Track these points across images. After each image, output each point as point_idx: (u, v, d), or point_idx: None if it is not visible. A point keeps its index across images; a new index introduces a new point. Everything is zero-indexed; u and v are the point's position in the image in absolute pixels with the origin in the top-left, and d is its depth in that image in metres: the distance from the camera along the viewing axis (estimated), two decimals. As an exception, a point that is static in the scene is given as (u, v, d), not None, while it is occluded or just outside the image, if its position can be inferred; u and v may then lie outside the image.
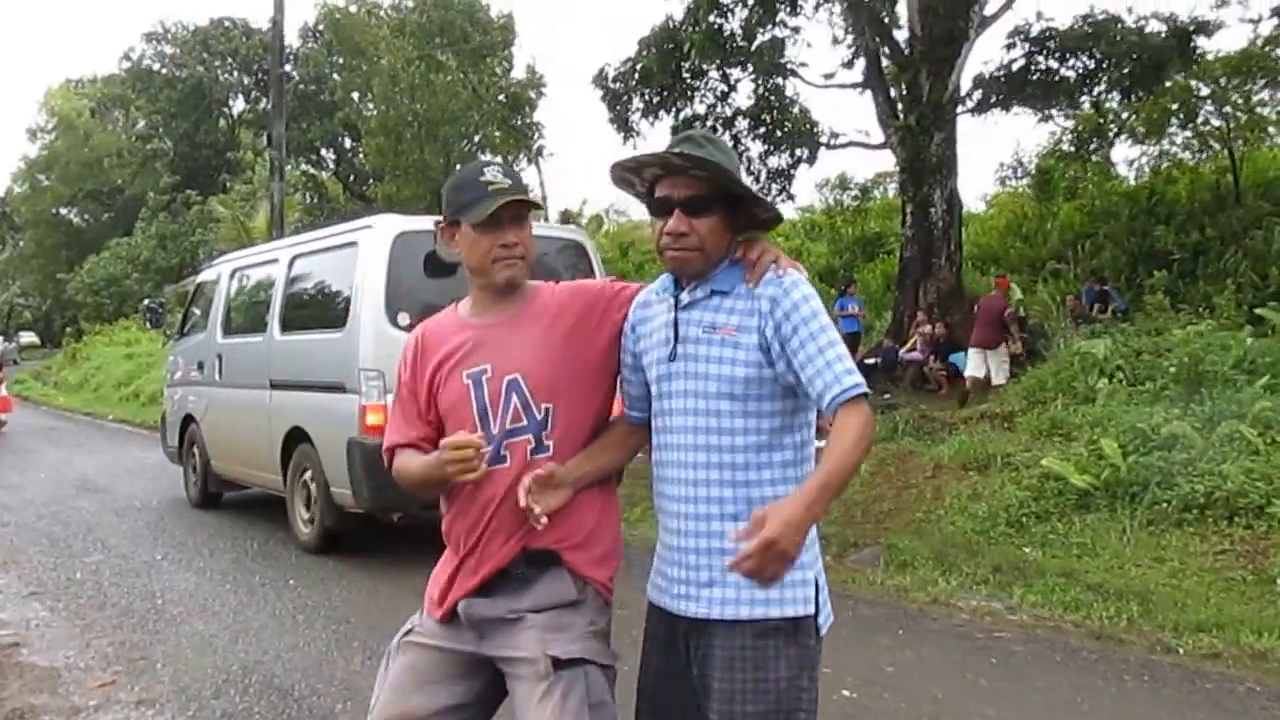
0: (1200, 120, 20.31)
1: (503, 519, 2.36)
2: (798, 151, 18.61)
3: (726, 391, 2.20)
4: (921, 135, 15.90)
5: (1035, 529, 7.88)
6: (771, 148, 18.52)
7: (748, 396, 2.20)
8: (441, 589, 2.48)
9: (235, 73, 42.66)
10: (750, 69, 16.84)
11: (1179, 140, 21.19)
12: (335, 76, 35.11)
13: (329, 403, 7.67)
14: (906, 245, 16.85)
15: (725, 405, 2.20)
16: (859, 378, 2.14)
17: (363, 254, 7.59)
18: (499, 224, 2.36)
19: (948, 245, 16.50)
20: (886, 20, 16.65)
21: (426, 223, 7.27)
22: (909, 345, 16.24)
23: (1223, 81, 18.98)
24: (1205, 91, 19.42)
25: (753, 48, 16.64)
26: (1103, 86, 15.89)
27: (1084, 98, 16.21)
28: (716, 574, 2.20)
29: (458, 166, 28.16)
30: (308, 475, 8.08)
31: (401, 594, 6.63)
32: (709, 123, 18.07)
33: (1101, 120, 20.53)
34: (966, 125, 16.02)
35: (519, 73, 29.49)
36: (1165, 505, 7.43)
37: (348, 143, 37.38)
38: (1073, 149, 21.47)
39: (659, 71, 16.29)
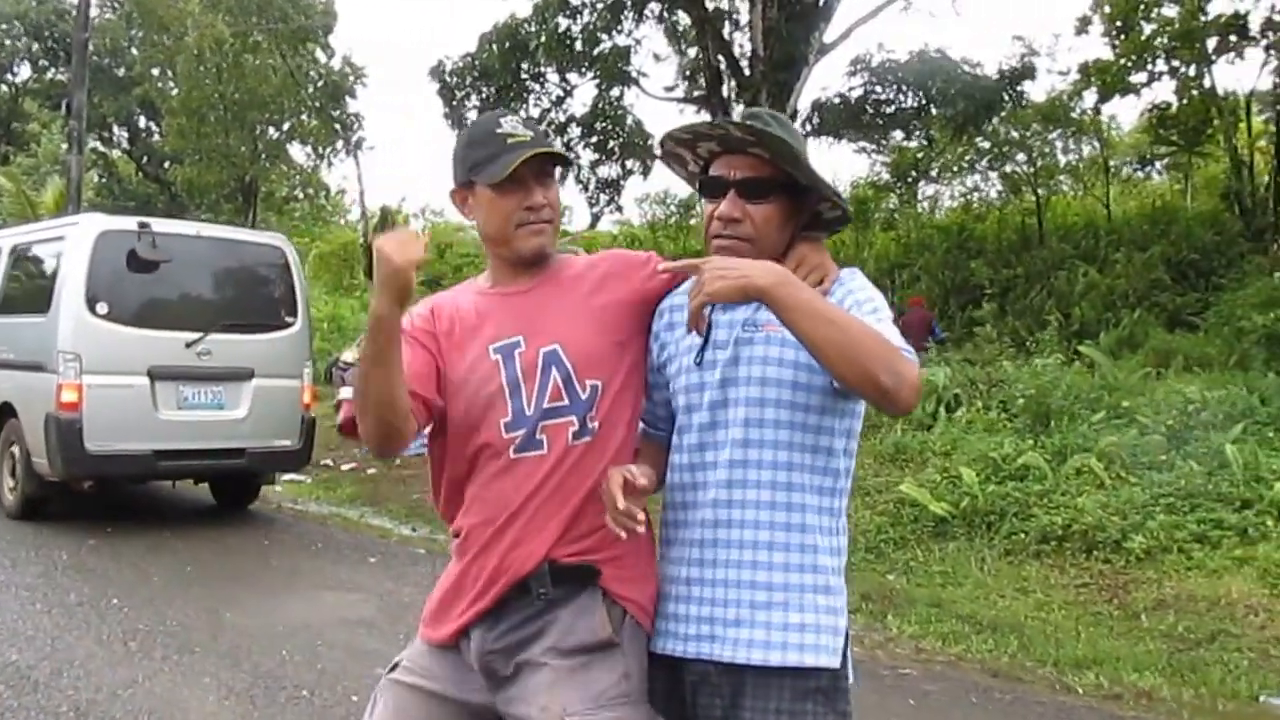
0: (1008, 167, 21.41)
1: (532, 519, 2.00)
2: (629, 163, 18.48)
3: (772, 398, 1.92)
4: (759, 155, 15.97)
5: (895, 555, 7.78)
6: (603, 157, 18.32)
7: (794, 405, 1.93)
8: (441, 602, 2.12)
9: (24, 38, 39.27)
10: (593, 75, 16.52)
11: (989, 180, 22.22)
12: (134, 51, 32.77)
13: (32, 380, 8.44)
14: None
15: (770, 413, 1.92)
16: (908, 347, 1.83)
17: (68, 247, 8.43)
18: (522, 183, 2.02)
19: (781, 266, 16.59)
20: (729, 39, 16.68)
21: (130, 223, 8.58)
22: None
23: (1034, 128, 20.01)
24: (1015, 136, 20.47)
25: (595, 53, 16.34)
26: (935, 122, 16.33)
27: (917, 131, 16.64)
28: (745, 611, 1.92)
29: (263, 156, 27.32)
30: (15, 447, 8.74)
31: (248, 617, 5.98)
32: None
33: (920, 156, 21.30)
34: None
35: (340, 60, 28.26)
36: (1023, 536, 7.44)
37: (143, 121, 34.95)
38: (893, 180, 22.21)
39: (500, 69, 15.79)
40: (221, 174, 26.30)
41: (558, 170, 2.13)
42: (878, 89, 16.02)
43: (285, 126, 28.13)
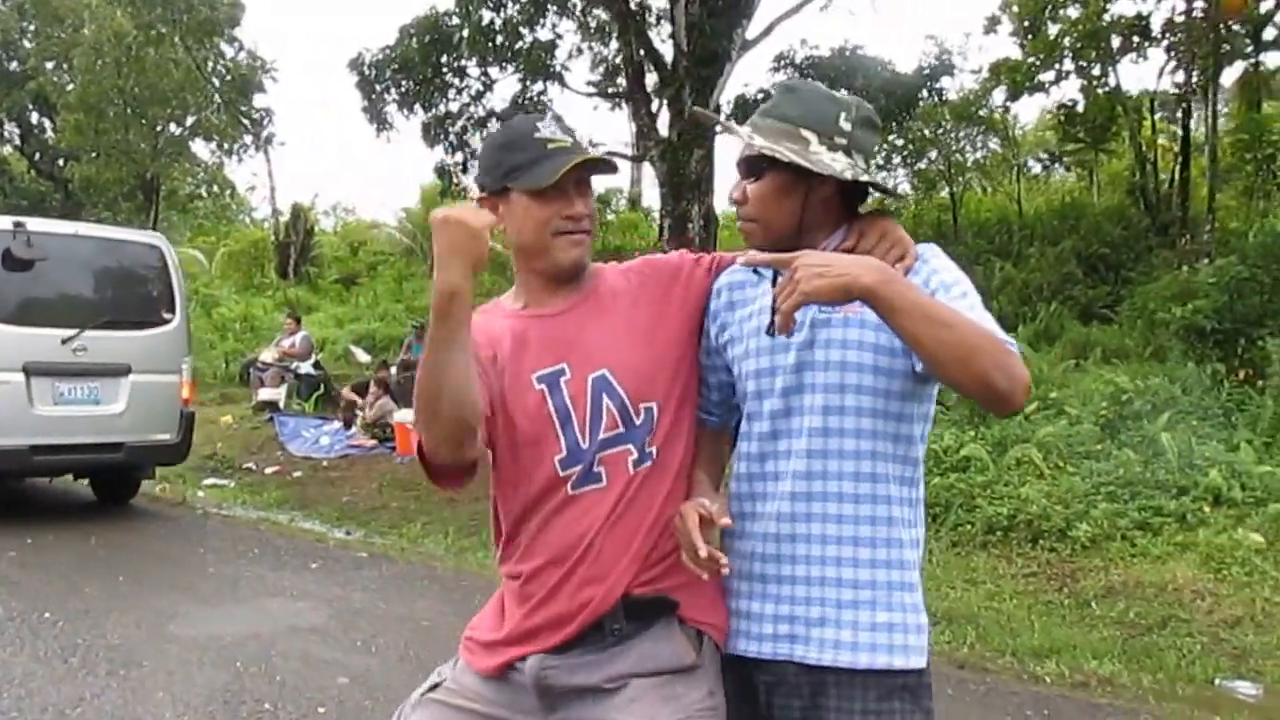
0: (922, 163, 21.80)
1: (599, 556, 1.90)
2: (550, 159, 18.28)
3: (853, 384, 1.84)
4: (682, 151, 15.93)
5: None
6: (523, 153, 18.07)
7: (876, 391, 1.84)
8: (496, 637, 2.00)
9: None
10: (515, 69, 16.29)
11: (897, 177, 22.52)
12: (27, 43, 31.46)
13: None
14: (663, 261, 16.80)
15: (850, 400, 1.84)
16: (1010, 339, 1.74)
17: (-61, 247, 8.34)
18: (563, 191, 1.91)
19: (706, 263, 16.58)
20: (652, 34, 16.61)
21: (5, 222, 8.53)
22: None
23: (946, 126, 20.40)
24: (928, 134, 20.84)
25: (516, 47, 16.11)
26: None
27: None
28: (830, 609, 1.84)
29: (165, 153, 26.45)
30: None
31: (193, 628, 5.77)
32: (460, 122, 17.48)
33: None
34: (719, 145, 16.29)
35: (247, 54, 27.45)
36: (969, 527, 7.52)
37: (36, 117, 33.55)
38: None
39: (421, 62, 15.47)
40: (121, 171, 25.37)
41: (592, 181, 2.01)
42: (801, 85, 16.06)
43: (189, 122, 27.27)
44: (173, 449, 9.32)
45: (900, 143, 20.99)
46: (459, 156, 17.74)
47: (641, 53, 16.45)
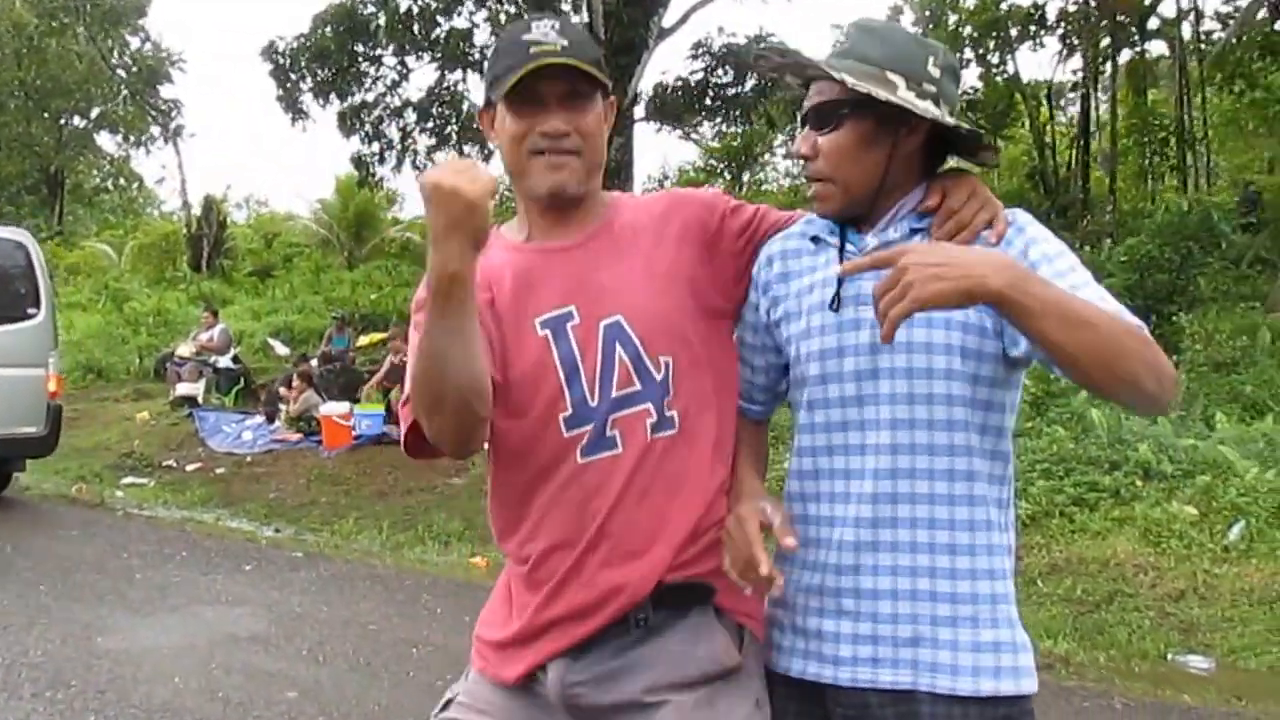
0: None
1: (622, 537, 1.65)
2: (467, 148, 18.07)
3: (941, 368, 1.60)
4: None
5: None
6: (440, 143, 17.86)
7: (965, 376, 1.61)
8: (508, 634, 1.74)
9: None
10: (432, 58, 16.02)
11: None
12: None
13: None
14: (584, 248, 16.71)
15: (939, 387, 1.60)
16: (1142, 323, 1.53)
17: None
18: (540, 103, 1.64)
19: (626, 250, 16.54)
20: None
21: None
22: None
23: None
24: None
25: (434, 35, 15.86)
26: (775, 106, 16.56)
27: (760, 114, 16.84)
28: (924, 627, 1.60)
29: (68, 146, 25.55)
30: None
31: (124, 641, 5.45)
32: (376, 112, 17.22)
33: (750, 141, 21.64)
34: (639, 134, 16.32)
35: (152, 45, 26.63)
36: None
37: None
38: (722, 164, 22.52)
39: (336, 50, 15.14)
40: (23, 165, 24.60)
41: (599, 95, 1.70)
42: (719, 73, 16.09)
43: (94, 114, 26.42)
44: (39, 441, 9.37)
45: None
46: (375, 146, 17.49)
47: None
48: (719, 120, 17.12)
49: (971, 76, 20.87)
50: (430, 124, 17.57)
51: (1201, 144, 20.25)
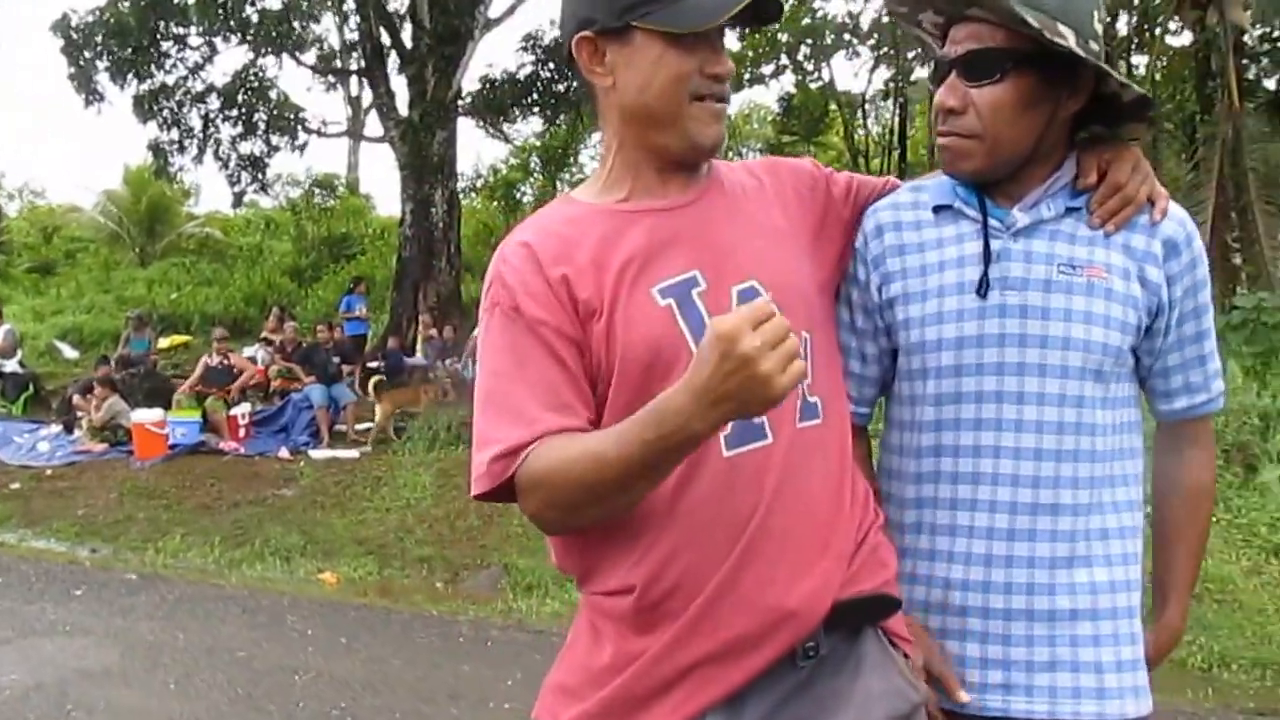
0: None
1: (777, 547, 1.37)
2: (275, 138, 17.20)
3: (1094, 367, 1.48)
4: (424, 132, 15.38)
5: (646, 539, 7.68)
6: (246, 131, 16.91)
7: (1111, 376, 1.50)
8: (616, 696, 1.40)
9: None
10: (242, 40, 15.10)
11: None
12: None
13: None
14: (406, 245, 16.16)
15: (1089, 389, 1.48)
16: (1223, 384, 1.59)
17: None
18: (709, 38, 1.41)
19: (448, 248, 16.11)
20: (394, 8, 15.88)
21: None
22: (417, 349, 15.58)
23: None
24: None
25: (245, 15, 14.94)
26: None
27: (589, 110, 16.64)
28: (1064, 649, 1.48)
29: None
30: None
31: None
32: (177, 96, 16.12)
33: (567, 141, 21.45)
34: (463, 128, 15.91)
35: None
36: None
37: None
38: (542, 162, 22.22)
39: (137, 27, 14.03)
40: None
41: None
42: (550, 67, 15.82)
43: None
44: None
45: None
46: (175, 133, 16.38)
47: (381, 29, 15.71)
48: (547, 116, 16.81)
49: (787, 83, 21.41)
50: (236, 111, 16.59)
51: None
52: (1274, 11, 13.50)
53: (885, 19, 20.31)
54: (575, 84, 15.64)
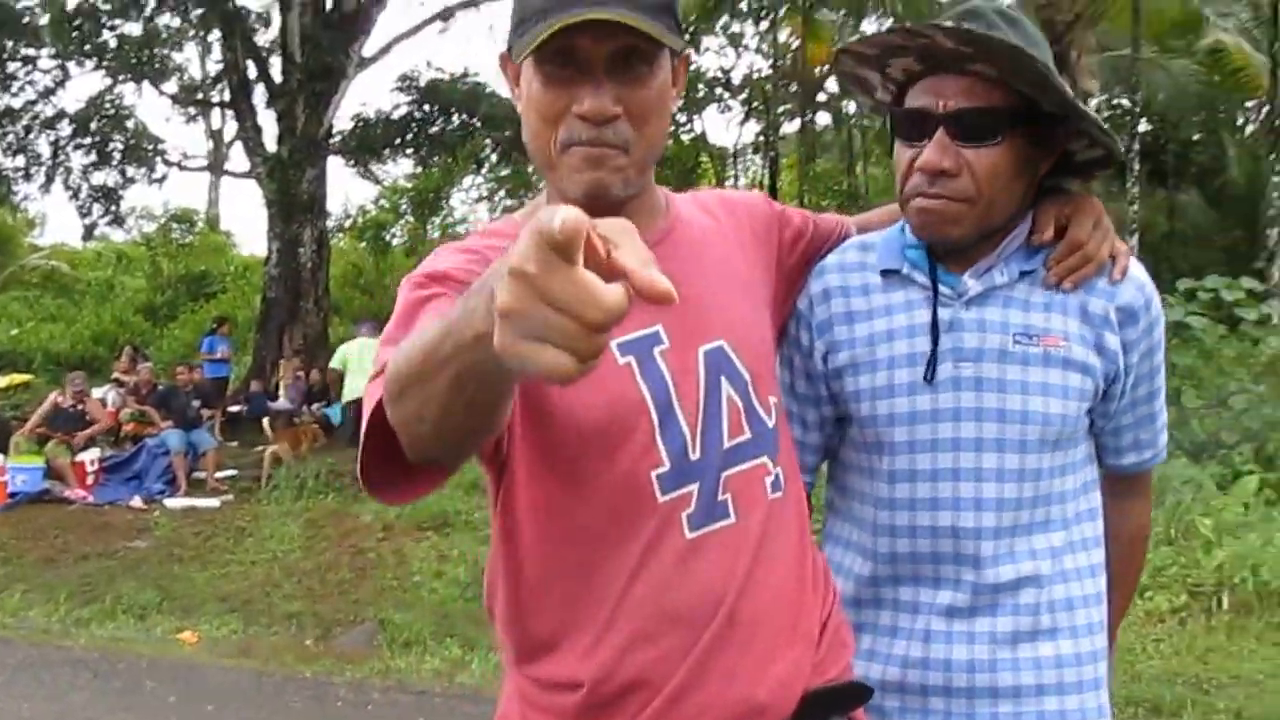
0: (529, 198, 22.05)
1: (746, 636, 1.25)
2: (130, 169, 16.51)
3: (1053, 439, 1.41)
4: (293, 169, 14.92)
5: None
6: (99, 161, 16.19)
7: (1069, 443, 1.45)
8: None
9: None
10: (98, 64, 14.43)
11: (511, 209, 22.63)
12: None
13: None
14: (271, 285, 15.59)
15: (1047, 460, 1.42)
16: (1167, 435, 1.58)
17: None
18: (581, 68, 1.19)
19: (316, 288, 15.61)
20: (262, 41, 15.43)
21: None
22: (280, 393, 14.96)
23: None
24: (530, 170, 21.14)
25: (101, 40, 14.31)
26: (483, 145, 16.25)
27: (466, 153, 16.47)
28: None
29: None
30: None
31: None
32: (24, 120, 15.36)
33: (440, 183, 21.17)
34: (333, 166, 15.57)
35: None
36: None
37: None
38: (413, 204, 21.84)
39: (-16, 49, 13.28)
40: None
41: (665, 54, 1.24)
42: (426, 108, 15.57)
43: None
44: None
45: (505, 174, 21.09)
46: (20, 160, 15.57)
47: (249, 61, 15.24)
48: (421, 158, 16.53)
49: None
50: (89, 139, 15.86)
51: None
52: (1114, 80, 14.36)
53: (757, 75, 20.83)
54: (451, 127, 15.47)
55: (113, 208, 16.77)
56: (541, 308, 0.70)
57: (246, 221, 30.26)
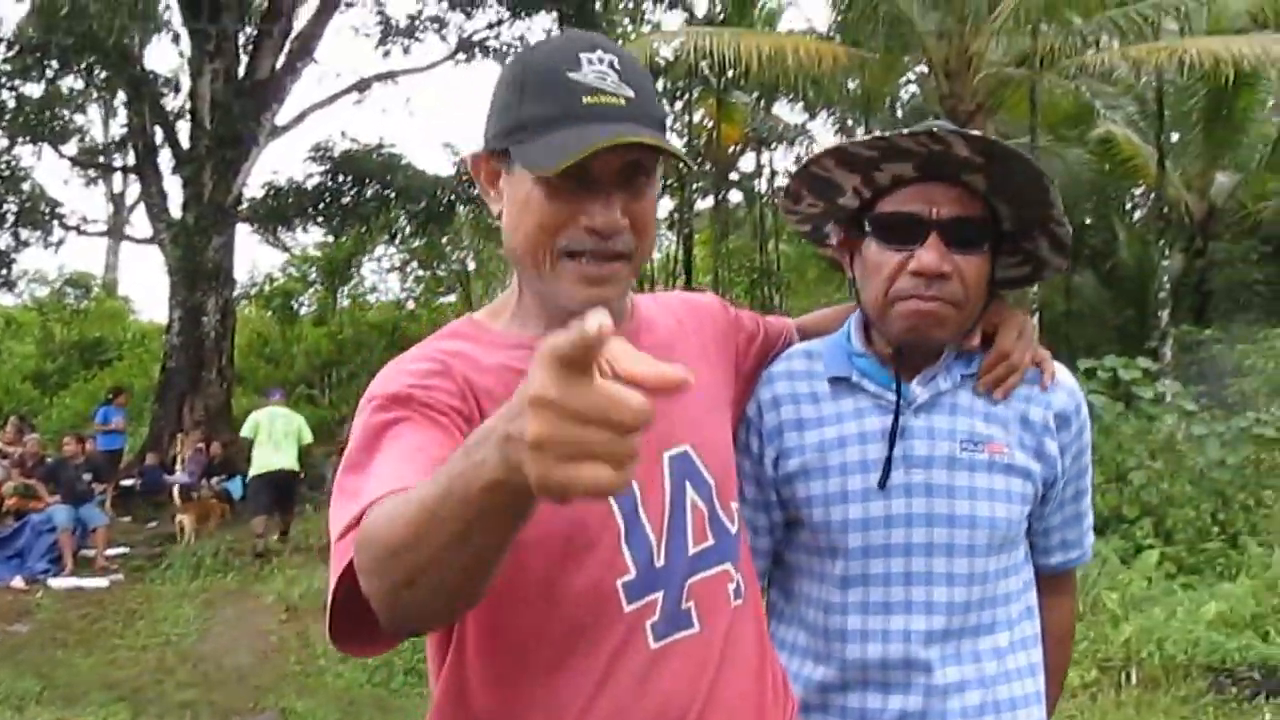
0: (441, 269, 21.94)
1: None
2: (24, 233, 15.98)
3: (998, 543, 1.46)
4: (198, 236, 14.59)
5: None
6: (-7, 224, 15.63)
7: (1010, 545, 1.50)
8: None
9: None
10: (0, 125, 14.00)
11: (423, 279, 22.48)
12: None
13: None
14: (172, 354, 15.18)
15: (992, 563, 1.46)
16: (1093, 535, 1.65)
17: None
18: (593, 182, 1.18)
19: (220, 358, 15.21)
20: (170, 105, 15.17)
21: None
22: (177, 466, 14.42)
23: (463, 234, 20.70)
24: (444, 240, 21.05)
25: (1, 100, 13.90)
26: (397, 217, 16.12)
27: (380, 224, 16.30)
28: None
29: None
30: None
31: None
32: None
33: (353, 252, 20.96)
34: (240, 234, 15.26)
35: None
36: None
37: None
38: (323, 273, 21.59)
39: None
40: None
41: (658, 165, 1.25)
42: (339, 178, 15.39)
43: None
44: None
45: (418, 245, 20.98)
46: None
47: (156, 126, 14.95)
48: (333, 228, 16.31)
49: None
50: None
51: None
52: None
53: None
54: (365, 197, 15.31)
55: (4, 271, 16.15)
56: (572, 427, 0.71)
57: (146, 288, 29.61)
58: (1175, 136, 16.15)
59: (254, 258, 63.69)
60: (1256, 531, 7.60)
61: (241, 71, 14.65)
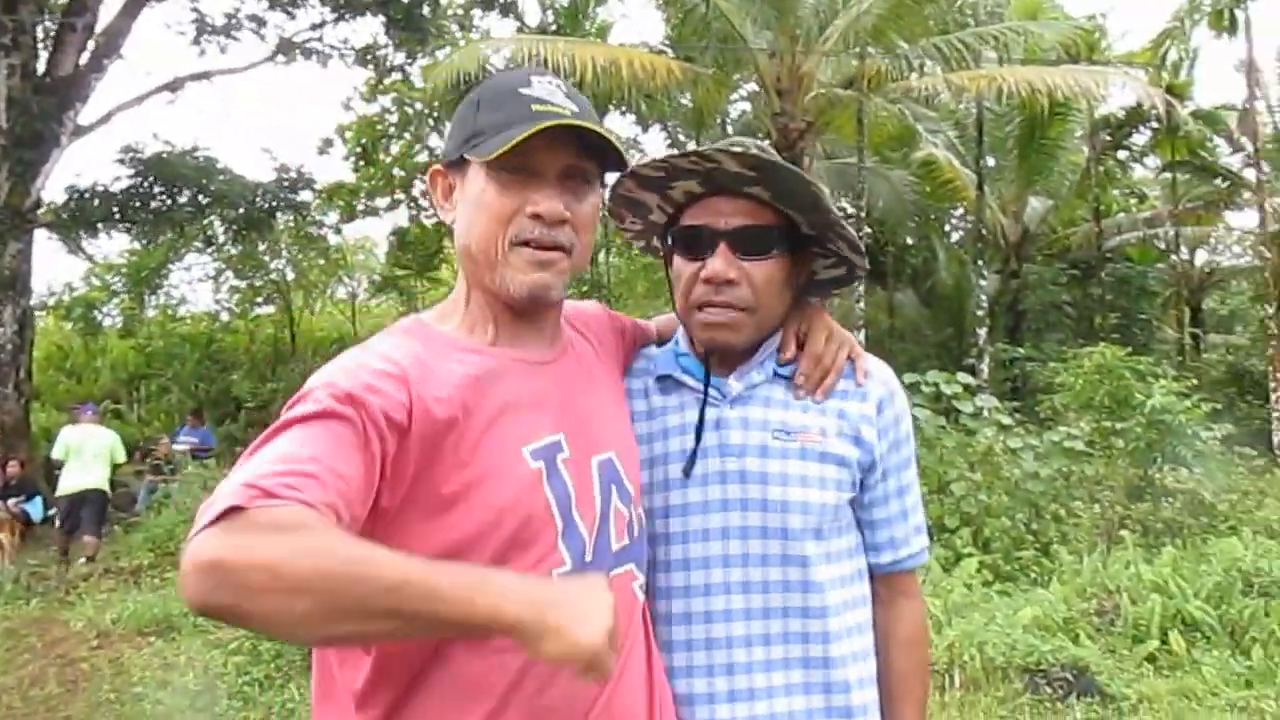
0: (258, 280, 21.15)
1: None
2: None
3: (814, 527, 1.53)
4: (-7, 242, 13.64)
5: (267, 698, 6.88)
6: None
7: (831, 532, 1.56)
8: None
9: None
10: None
11: (238, 289, 21.61)
12: None
13: None
14: (-35, 369, 14.08)
15: (811, 547, 1.53)
16: (926, 538, 1.69)
17: None
18: (537, 174, 1.34)
19: (16, 373, 14.21)
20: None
21: None
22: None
23: (284, 243, 20.06)
24: (263, 249, 20.33)
25: None
26: (213, 224, 15.45)
27: (195, 231, 15.59)
28: None
29: None
30: None
31: None
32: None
33: (161, 261, 20.00)
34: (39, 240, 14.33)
35: None
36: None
37: None
38: (124, 285, 20.53)
39: None
40: None
41: (605, 176, 1.45)
42: (150, 182, 14.65)
43: None
44: None
45: (234, 253, 20.18)
46: None
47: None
48: (145, 233, 15.51)
49: (401, 217, 21.34)
50: None
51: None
52: (841, 186, 15.48)
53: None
54: (179, 202, 14.63)
55: None
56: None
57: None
58: (992, 161, 17.05)
59: (52, 267, 60.32)
60: (1066, 540, 8.08)
61: (41, 67, 13.80)
